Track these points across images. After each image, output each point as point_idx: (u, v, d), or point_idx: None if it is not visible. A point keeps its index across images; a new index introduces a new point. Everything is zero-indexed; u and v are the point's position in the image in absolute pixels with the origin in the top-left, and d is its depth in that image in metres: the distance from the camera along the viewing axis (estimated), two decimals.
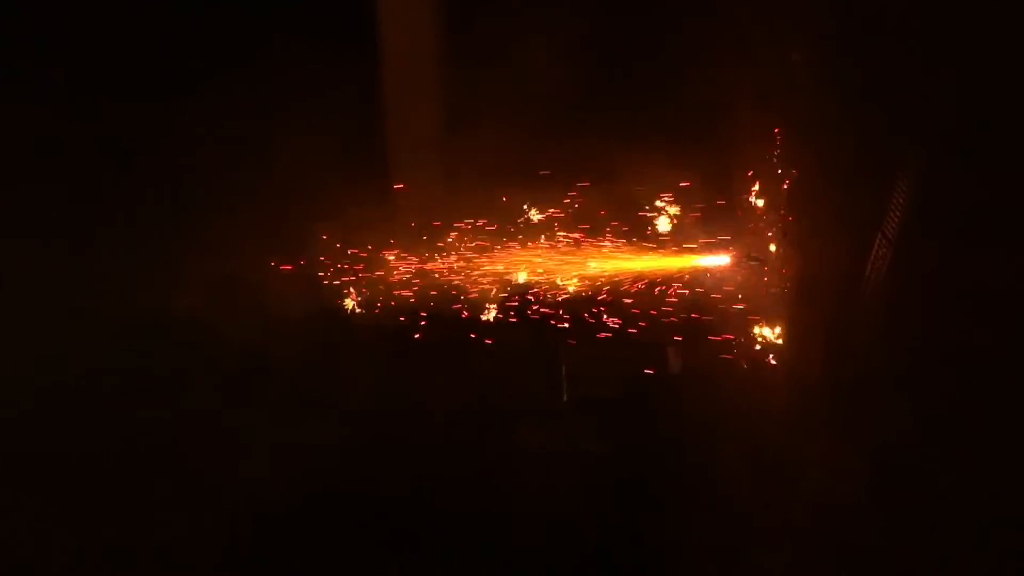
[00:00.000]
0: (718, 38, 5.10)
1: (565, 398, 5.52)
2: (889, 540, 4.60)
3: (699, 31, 5.15)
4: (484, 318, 5.59)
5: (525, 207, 5.65)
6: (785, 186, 5.17)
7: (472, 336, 5.54)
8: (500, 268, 5.63)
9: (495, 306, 5.60)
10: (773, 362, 5.17)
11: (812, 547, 4.78)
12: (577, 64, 5.33)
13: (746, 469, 5.00)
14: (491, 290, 5.61)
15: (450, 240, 5.71)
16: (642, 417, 5.37)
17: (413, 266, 5.68)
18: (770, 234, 5.26)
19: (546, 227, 5.63)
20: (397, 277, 5.69)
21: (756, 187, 5.29)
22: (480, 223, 5.65)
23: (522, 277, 5.62)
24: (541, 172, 5.50)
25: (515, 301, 5.59)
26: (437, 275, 5.65)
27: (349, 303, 5.74)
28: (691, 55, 5.17)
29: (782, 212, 5.17)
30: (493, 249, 5.64)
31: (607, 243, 5.48)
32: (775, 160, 5.17)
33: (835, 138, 4.81)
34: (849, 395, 4.76)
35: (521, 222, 5.65)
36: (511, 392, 5.49)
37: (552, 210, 5.60)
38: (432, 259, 5.69)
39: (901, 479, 4.63)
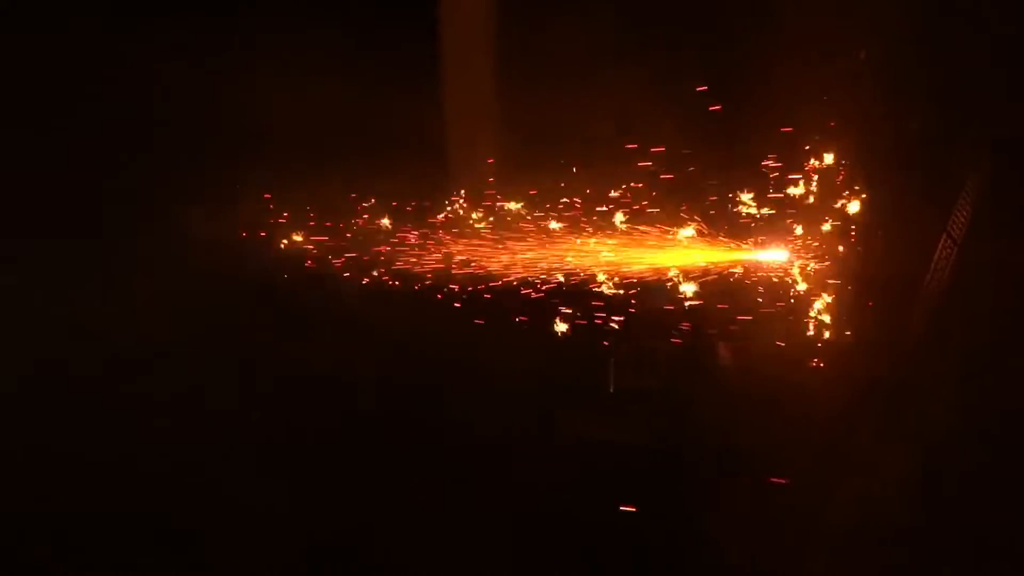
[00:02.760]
0: (785, 33, 5.03)
1: (612, 390, 5.46)
2: (938, 547, 4.53)
3: (765, 26, 5.09)
4: (531, 308, 5.53)
5: (578, 197, 5.58)
6: (848, 183, 5.09)
7: (518, 325, 5.49)
8: (547, 257, 5.58)
9: (542, 296, 5.55)
10: (829, 361, 5.07)
11: (859, 551, 4.70)
12: (640, 56, 5.29)
13: (793, 468, 4.93)
14: (538, 279, 5.56)
15: (498, 228, 5.66)
16: (689, 411, 5.30)
17: (463, 254, 5.65)
18: (830, 231, 5.17)
19: (599, 217, 5.57)
20: (445, 265, 5.65)
21: (818, 183, 5.21)
22: (532, 212, 5.60)
23: (570, 266, 5.57)
24: (598, 163, 5.44)
25: (563, 291, 5.54)
26: (485, 263, 5.61)
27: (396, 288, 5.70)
28: (757, 49, 5.11)
29: (845, 209, 5.09)
30: (543, 238, 5.59)
31: (661, 235, 5.42)
32: (838, 157, 5.09)
33: (901, 135, 4.76)
34: (906, 396, 4.69)
35: (572, 212, 5.59)
36: (556, 383, 5.46)
37: (607, 202, 5.54)
38: (481, 247, 5.65)
39: (954, 484, 4.55)
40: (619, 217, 5.44)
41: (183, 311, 5.38)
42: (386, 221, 5.72)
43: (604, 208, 5.49)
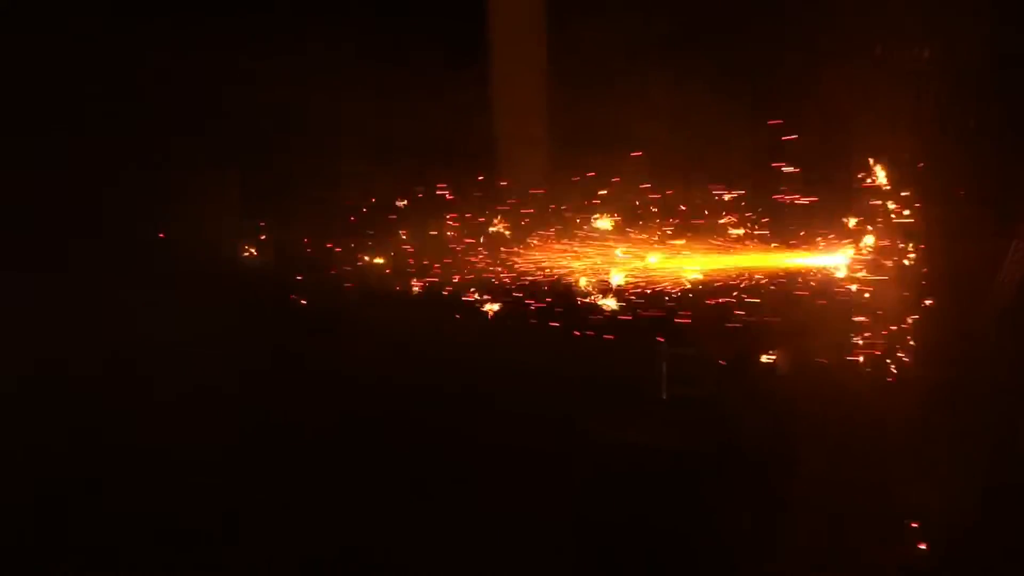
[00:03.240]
0: (848, 29, 4.94)
1: (665, 396, 5.35)
2: (1008, 557, 4.41)
3: (827, 21, 5.00)
4: (583, 312, 5.43)
5: (632, 200, 5.49)
6: (913, 184, 4.99)
7: (571, 330, 5.37)
8: (599, 261, 5.48)
9: (595, 300, 5.45)
10: (893, 368, 4.95)
11: (927, 560, 4.58)
12: (695, 54, 5.21)
13: (851, 480, 4.81)
14: (591, 283, 5.45)
15: (551, 232, 5.57)
16: (743, 418, 5.18)
17: (520, 257, 5.55)
18: (895, 232, 5.07)
19: (652, 220, 5.47)
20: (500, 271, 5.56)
21: (883, 184, 5.11)
22: (584, 216, 5.51)
23: (623, 271, 5.46)
24: (650, 164, 5.35)
25: (615, 296, 5.43)
26: (540, 266, 5.52)
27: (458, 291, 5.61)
28: (818, 45, 5.01)
29: (910, 211, 4.99)
30: (592, 241, 5.49)
31: (718, 238, 5.32)
32: (904, 157, 4.99)
33: (968, 133, 4.67)
34: (975, 405, 4.58)
35: (623, 215, 5.50)
36: (607, 388, 5.36)
37: (658, 204, 5.44)
38: (535, 250, 5.56)
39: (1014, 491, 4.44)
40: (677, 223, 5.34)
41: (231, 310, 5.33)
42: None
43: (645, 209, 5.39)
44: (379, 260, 5.64)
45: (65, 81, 5.41)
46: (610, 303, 5.32)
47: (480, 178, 5.55)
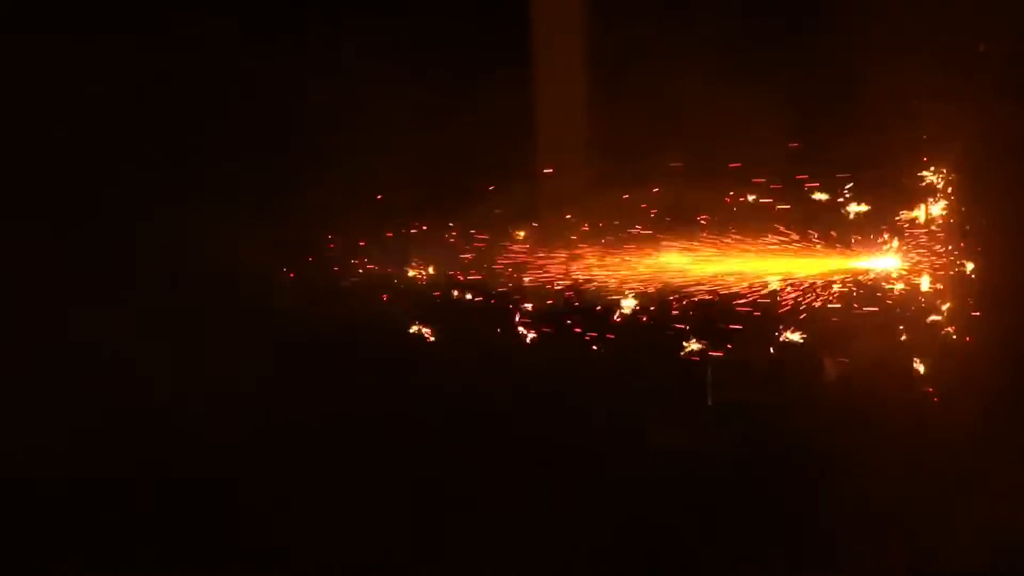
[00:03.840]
0: (897, 29, 4.82)
1: (710, 402, 5.30)
2: None
3: (877, 22, 4.88)
4: (628, 317, 5.38)
5: (672, 204, 5.41)
6: (962, 187, 4.88)
7: (615, 335, 5.35)
8: (641, 268, 5.42)
9: (640, 306, 5.40)
10: (946, 375, 4.86)
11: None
12: (735, 53, 5.10)
13: (894, 491, 4.74)
14: (637, 289, 5.41)
15: (592, 237, 5.51)
16: (787, 425, 5.12)
17: (556, 261, 5.51)
18: (944, 237, 4.96)
19: (694, 224, 5.39)
20: (539, 276, 5.52)
21: (931, 188, 5.00)
22: (627, 222, 5.44)
23: (667, 277, 5.41)
24: (689, 168, 5.27)
25: (658, 301, 5.38)
26: (580, 271, 5.47)
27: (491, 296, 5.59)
28: (862, 44, 4.89)
29: (957, 216, 4.87)
30: (635, 246, 5.43)
31: (761, 243, 5.23)
32: (952, 160, 4.87)
33: (1017, 136, 4.55)
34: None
35: (668, 219, 5.42)
36: (652, 394, 5.31)
37: (702, 210, 5.36)
38: (576, 255, 5.51)
39: None
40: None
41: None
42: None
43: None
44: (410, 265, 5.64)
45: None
46: (650, 308, 5.31)
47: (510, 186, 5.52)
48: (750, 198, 5.22)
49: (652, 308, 5.31)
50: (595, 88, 5.49)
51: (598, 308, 5.37)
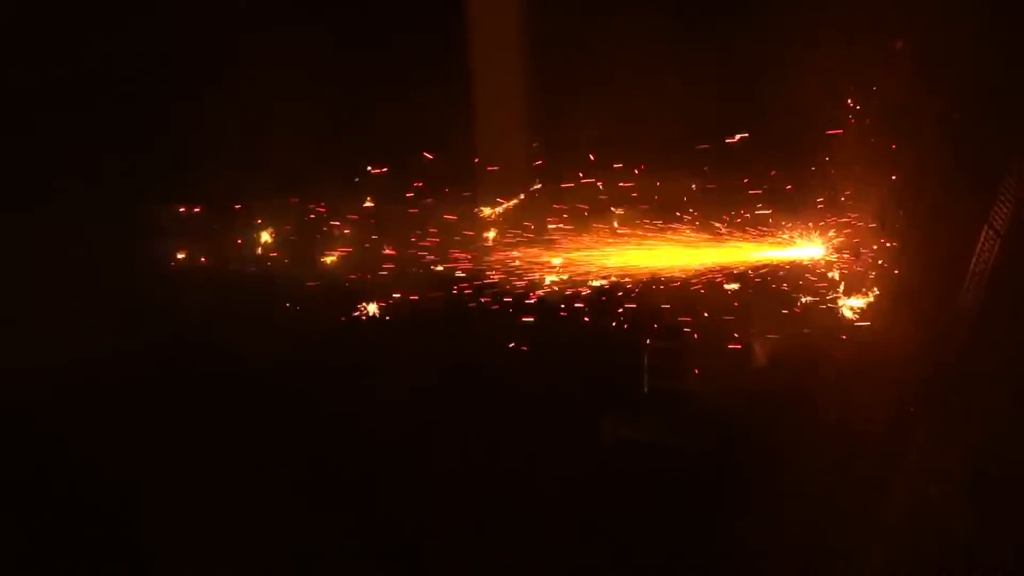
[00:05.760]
0: (821, 28, 4.88)
1: (645, 390, 5.37)
2: (984, 543, 4.41)
3: (800, 21, 4.94)
4: (563, 308, 5.45)
5: (610, 198, 5.49)
6: (887, 177, 4.98)
7: (553, 326, 5.41)
8: (578, 257, 5.49)
9: (574, 296, 5.46)
10: (874, 359, 4.96)
11: (904, 549, 4.59)
12: (673, 53, 5.16)
13: (831, 468, 4.82)
14: (571, 280, 5.47)
15: (531, 228, 5.57)
16: (723, 412, 5.18)
17: (496, 253, 5.56)
18: (870, 227, 5.07)
19: (629, 217, 5.46)
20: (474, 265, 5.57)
21: (854, 178, 5.10)
22: (566, 211, 5.51)
23: (603, 267, 5.48)
24: (629, 163, 5.34)
25: (595, 292, 5.45)
26: (517, 263, 5.53)
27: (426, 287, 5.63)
28: (791, 46, 4.96)
29: (883, 204, 4.98)
30: (574, 237, 5.50)
31: (695, 234, 5.31)
32: (877, 152, 4.97)
33: (941, 128, 4.65)
34: (946, 394, 4.58)
35: (601, 211, 5.49)
36: (591, 382, 5.37)
37: (637, 201, 5.43)
38: (513, 246, 5.57)
39: (996, 481, 4.44)
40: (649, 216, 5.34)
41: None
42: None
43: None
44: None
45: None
46: (590, 292, 5.37)
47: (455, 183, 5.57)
48: (685, 190, 5.30)
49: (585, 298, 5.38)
50: (518, 79, 5.56)
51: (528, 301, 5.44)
